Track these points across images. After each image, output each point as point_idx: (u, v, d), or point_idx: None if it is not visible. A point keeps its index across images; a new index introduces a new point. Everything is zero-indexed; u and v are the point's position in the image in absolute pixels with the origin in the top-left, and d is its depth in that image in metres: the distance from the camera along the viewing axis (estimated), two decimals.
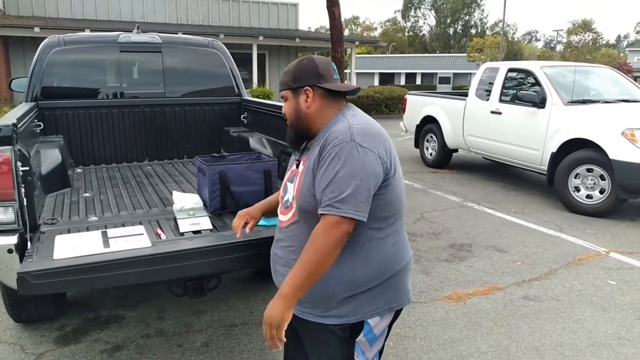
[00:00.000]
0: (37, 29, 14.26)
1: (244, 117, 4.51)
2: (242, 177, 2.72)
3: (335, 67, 1.70)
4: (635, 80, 7.42)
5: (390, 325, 1.76)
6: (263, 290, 3.65)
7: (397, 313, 1.77)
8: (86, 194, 3.16)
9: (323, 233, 1.45)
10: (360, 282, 1.57)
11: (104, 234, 2.28)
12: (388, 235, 1.61)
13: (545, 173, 6.21)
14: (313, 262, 1.46)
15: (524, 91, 6.63)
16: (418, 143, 9.10)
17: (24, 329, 3.08)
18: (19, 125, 2.40)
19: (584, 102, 6.24)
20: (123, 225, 2.47)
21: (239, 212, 1.99)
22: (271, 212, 1.97)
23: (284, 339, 1.51)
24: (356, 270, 1.57)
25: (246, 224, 1.95)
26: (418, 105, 9.00)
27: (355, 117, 1.60)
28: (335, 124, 1.59)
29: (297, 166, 1.68)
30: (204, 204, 2.72)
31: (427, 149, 8.87)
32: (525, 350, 2.94)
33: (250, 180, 2.74)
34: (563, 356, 2.88)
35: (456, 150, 8.48)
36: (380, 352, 1.79)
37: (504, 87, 7.15)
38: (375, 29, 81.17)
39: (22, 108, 3.19)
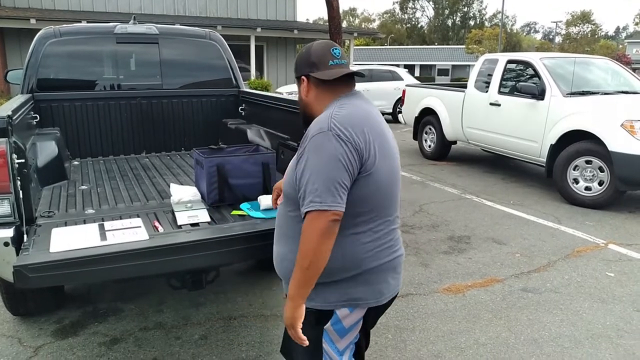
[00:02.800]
0: (33, 21, 14.16)
1: (241, 109, 4.48)
2: (240, 170, 2.70)
3: (336, 51, 1.67)
4: (634, 72, 7.38)
5: (368, 325, 1.77)
6: (262, 283, 3.64)
7: (375, 314, 1.76)
8: (83, 187, 3.14)
9: (308, 227, 1.47)
10: (327, 271, 1.53)
11: (101, 227, 2.26)
12: (363, 232, 1.57)
13: (544, 165, 6.20)
14: (305, 256, 1.47)
15: (523, 83, 6.60)
16: (416, 135, 9.07)
17: (22, 322, 3.07)
18: (14, 118, 2.38)
19: (583, 93, 6.22)
20: (120, 218, 2.45)
21: (275, 185, 2.03)
22: None
23: (302, 336, 1.55)
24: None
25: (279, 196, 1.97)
26: (416, 97, 8.96)
27: (343, 106, 1.58)
28: (322, 113, 1.60)
29: None
30: (202, 197, 2.71)
31: (425, 141, 8.84)
32: (524, 342, 2.94)
33: (248, 173, 2.72)
34: (562, 348, 2.89)
35: (455, 143, 8.45)
36: (359, 353, 1.79)
37: (503, 78, 7.11)
38: (374, 20, 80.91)
39: (18, 100, 3.16)
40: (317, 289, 1.58)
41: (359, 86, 1.72)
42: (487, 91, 7.29)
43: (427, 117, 8.65)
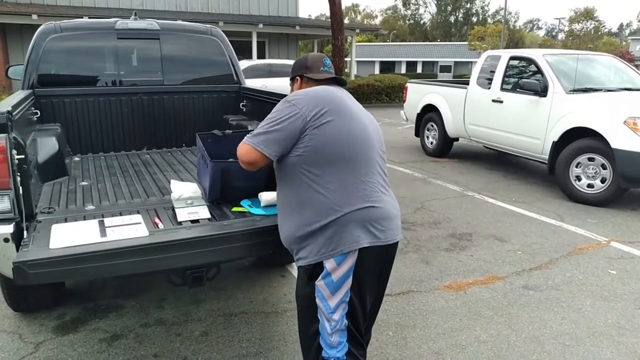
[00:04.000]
0: (34, 16, 14.17)
1: (243, 105, 4.47)
2: (245, 173, 2.66)
3: (327, 61, 2.16)
4: (638, 69, 7.34)
5: (363, 285, 1.88)
6: (262, 280, 3.64)
7: (366, 273, 1.87)
8: (83, 183, 3.14)
9: (239, 151, 1.93)
10: (307, 220, 1.83)
11: (101, 223, 2.26)
12: (328, 182, 1.82)
13: (546, 162, 6.18)
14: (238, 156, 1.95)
15: (525, 79, 6.58)
16: (418, 132, 9.05)
17: (23, 318, 3.07)
18: (14, 113, 2.37)
19: (586, 90, 6.18)
20: (120, 215, 2.44)
21: None
22: None
23: None
24: (303, 209, 1.86)
25: None
26: (419, 94, 8.93)
27: (310, 88, 2.01)
28: None
29: None
30: (203, 193, 2.69)
31: (427, 137, 8.82)
32: (525, 340, 2.93)
33: (253, 176, 2.68)
34: (563, 345, 2.88)
35: (457, 139, 8.42)
36: (354, 319, 1.88)
37: (505, 75, 7.08)
38: (376, 17, 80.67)
39: (18, 96, 3.15)
40: (304, 246, 1.86)
41: (261, 81, 1.89)
42: (489, 88, 7.26)
43: (429, 113, 8.63)
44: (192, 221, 2.37)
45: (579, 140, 5.72)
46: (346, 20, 24.21)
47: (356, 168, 1.85)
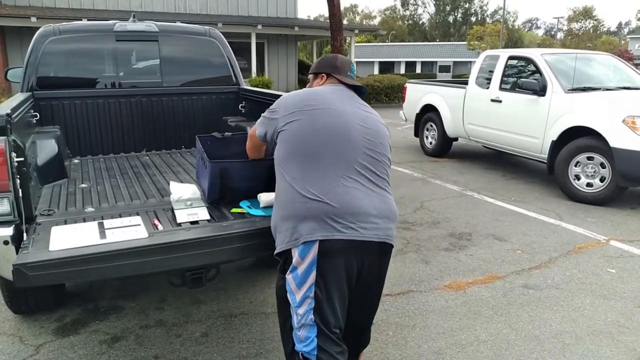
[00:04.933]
0: (34, 19, 14.16)
1: (242, 107, 4.47)
2: (244, 174, 2.67)
3: (353, 67, 2.29)
4: (637, 68, 7.35)
5: (330, 283, 1.87)
6: (262, 281, 3.64)
7: (330, 269, 1.87)
8: (83, 185, 3.14)
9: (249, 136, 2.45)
10: (276, 211, 1.99)
11: (101, 225, 2.26)
12: (292, 176, 1.93)
13: (545, 161, 6.18)
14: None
15: (524, 79, 6.58)
16: (418, 132, 9.05)
17: (23, 320, 3.07)
18: (13, 116, 2.37)
19: (584, 89, 6.19)
20: (120, 216, 2.45)
21: None
22: None
23: None
24: (277, 201, 2.01)
25: None
26: (418, 94, 8.94)
27: (311, 89, 2.24)
28: None
29: None
30: (202, 194, 2.70)
31: (426, 137, 8.83)
32: (525, 339, 2.94)
33: (252, 177, 2.68)
34: (563, 344, 2.88)
35: (456, 139, 8.43)
36: (322, 315, 1.88)
37: (504, 74, 7.09)
38: (375, 17, 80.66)
39: (17, 98, 3.16)
40: (281, 233, 1.94)
41: None
42: (488, 87, 7.27)
43: (428, 113, 8.63)
44: (192, 222, 2.38)
45: (578, 139, 5.72)
46: (345, 21, 24.21)
47: (320, 164, 1.92)
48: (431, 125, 8.65)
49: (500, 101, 6.97)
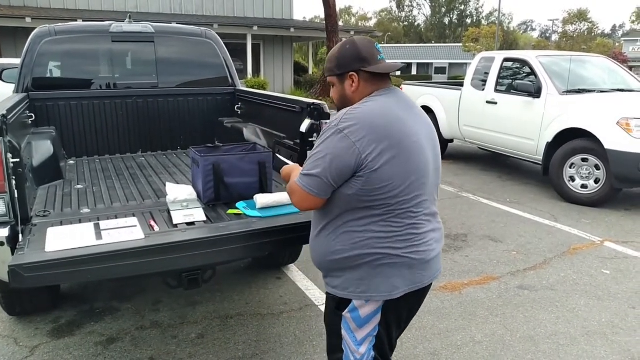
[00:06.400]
0: (28, 19, 14.12)
1: (238, 108, 4.47)
2: (236, 169, 2.69)
3: (379, 47, 1.73)
4: (631, 70, 7.40)
5: (390, 320, 1.75)
6: (258, 282, 3.64)
7: (396, 310, 1.74)
8: (79, 186, 3.13)
9: (290, 190, 1.71)
10: (338, 257, 1.65)
11: (97, 226, 2.26)
12: (367, 224, 1.61)
13: (540, 163, 6.21)
14: (289, 192, 1.74)
15: (519, 81, 6.62)
16: None
17: (18, 322, 3.06)
18: (8, 117, 2.37)
19: (579, 91, 6.22)
20: (116, 217, 2.44)
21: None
22: None
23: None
24: (336, 244, 1.66)
25: None
26: (413, 96, 8.93)
27: (364, 104, 1.65)
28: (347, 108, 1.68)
29: None
30: (198, 196, 2.70)
31: None
32: (520, 340, 2.95)
33: (244, 172, 2.71)
34: (558, 345, 2.89)
35: (452, 141, 8.46)
36: (381, 347, 1.77)
37: (499, 77, 7.12)
38: (370, 19, 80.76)
39: (13, 99, 3.15)
40: (338, 277, 1.69)
41: None
42: (483, 89, 7.30)
43: None
44: (188, 224, 2.37)
45: (573, 141, 5.76)
46: (340, 23, 24.24)
47: (404, 207, 1.62)
48: None
49: (495, 103, 7.00)
